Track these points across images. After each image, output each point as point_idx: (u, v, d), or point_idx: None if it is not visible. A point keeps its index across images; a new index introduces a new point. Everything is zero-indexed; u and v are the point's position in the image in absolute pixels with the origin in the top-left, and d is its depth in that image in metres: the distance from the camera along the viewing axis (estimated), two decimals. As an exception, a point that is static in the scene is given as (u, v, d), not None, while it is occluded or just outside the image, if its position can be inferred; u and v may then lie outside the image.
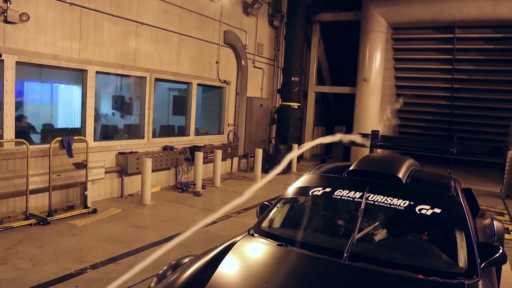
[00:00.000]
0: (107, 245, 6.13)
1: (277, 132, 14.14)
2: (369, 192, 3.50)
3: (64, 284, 4.87)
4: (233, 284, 2.87)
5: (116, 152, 8.89)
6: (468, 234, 3.21)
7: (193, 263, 3.04)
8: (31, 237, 6.26)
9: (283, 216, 3.82)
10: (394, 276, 2.86)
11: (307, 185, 3.89)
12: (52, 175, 7.10)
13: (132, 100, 11.69)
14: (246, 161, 13.16)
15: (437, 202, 3.41)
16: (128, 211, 7.96)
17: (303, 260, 3.07)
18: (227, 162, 12.58)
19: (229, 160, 12.63)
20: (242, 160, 13.18)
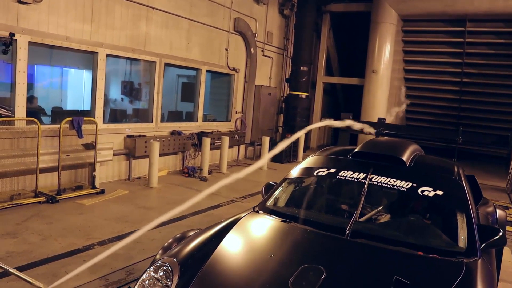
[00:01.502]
0: (114, 224, 6.25)
1: (284, 121, 14.19)
2: (372, 174, 3.56)
3: (71, 258, 4.99)
4: (237, 255, 2.96)
5: (125, 135, 9.00)
6: (469, 216, 3.27)
7: (198, 235, 3.13)
8: (40, 214, 6.39)
9: (288, 195, 3.90)
10: (394, 252, 2.93)
11: (312, 166, 3.96)
12: (62, 155, 7.22)
13: (141, 86, 11.77)
14: (253, 149, 13.24)
15: (440, 185, 3.46)
16: (135, 193, 8.08)
17: (306, 235, 3.15)
18: (233, 150, 12.67)
19: (235, 148, 12.72)
20: (249, 148, 13.26)
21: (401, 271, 2.58)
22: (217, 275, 2.67)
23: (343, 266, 2.77)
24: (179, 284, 2.53)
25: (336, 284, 2.52)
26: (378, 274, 2.67)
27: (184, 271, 2.63)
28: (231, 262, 2.86)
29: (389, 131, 6.67)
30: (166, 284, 2.57)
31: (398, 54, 15.59)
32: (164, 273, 2.64)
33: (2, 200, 6.52)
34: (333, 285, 2.49)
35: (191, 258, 2.78)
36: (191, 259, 2.76)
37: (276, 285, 2.51)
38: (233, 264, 2.85)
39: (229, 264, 2.84)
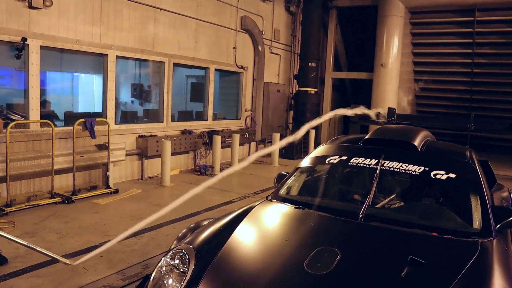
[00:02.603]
0: (129, 221, 6.32)
1: (294, 117, 14.20)
2: (384, 159, 3.56)
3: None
4: (252, 241, 3.00)
5: (136, 135, 9.10)
6: (483, 198, 3.26)
7: (212, 224, 3.17)
8: (56, 214, 6.49)
9: (300, 184, 3.93)
10: (408, 233, 2.94)
11: (323, 154, 3.98)
12: (76, 156, 7.32)
13: (150, 88, 11.89)
14: (264, 146, 13.27)
15: (452, 168, 3.46)
16: (149, 192, 8.16)
17: (320, 220, 3.18)
18: (244, 147, 12.71)
19: (246, 145, 12.76)
20: (260, 145, 13.30)
21: (416, 252, 2.59)
22: (233, 260, 2.71)
23: (357, 248, 2.79)
24: (195, 270, 2.57)
25: (351, 265, 2.54)
26: (393, 255, 2.68)
27: (200, 257, 2.67)
28: (246, 247, 2.90)
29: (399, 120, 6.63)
30: (183, 270, 2.61)
31: (407, 47, 15.49)
32: (181, 260, 2.68)
33: (20, 201, 6.64)
34: (348, 266, 2.51)
35: (207, 244, 2.82)
36: (207, 245, 2.80)
37: (291, 268, 2.54)
38: (248, 250, 2.89)
39: (244, 249, 2.87)
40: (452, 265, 2.53)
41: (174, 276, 2.60)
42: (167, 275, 2.62)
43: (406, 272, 2.42)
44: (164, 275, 2.64)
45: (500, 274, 2.50)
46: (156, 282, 2.62)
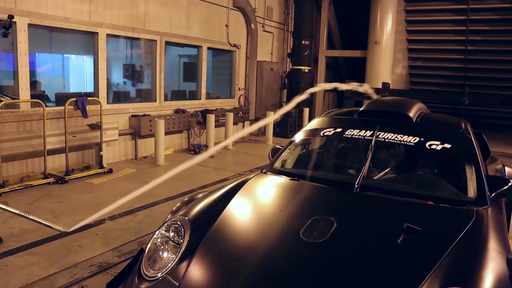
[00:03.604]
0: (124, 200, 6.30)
1: (288, 96, 14.13)
2: (379, 131, 3.54)
3: (84, 233, 5.05)
4: (247, 211, 2.98)
5: (129, 114, 9.01)
6: (478, 167, 3.26)
7: (207, 196, 3.14)
8: (50, 194, 6.45)
9: (295, 157, 3.90)
10: (404, 202, 2.94)
11: (318, 127, 3.95)
12: (68, 136, 7.24)
13: (143, 68, 11.74)
14: (258, 125, 13.22)
15: (447, 138, 3.45)
16: (143, 171, 8.13)
17: (315, 190, 3.17)
18: (238, 126, 12.65)
19: (240, 124, 12.70)
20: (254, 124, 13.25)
21: (412, 220, 2.58)
22: (228, 231, 2.69)
23: (353, 217, 2.79)
24: (190, 241, 2.55)
25: (347, 233, 2.53)
26: (388, 223, 2.68)
27: (195, 228, 2.65)
28: (241, 218, 2.89)
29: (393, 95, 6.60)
30: (178, 242, 2.59)
31: (401, 24, 15.37)
32: (176, 231, 2.66)
33: (13, 182, 6.58)
34: (344, 234, 2.51)
35: (202, 216, 2.80)
36: (202, 217, 2.78)
37: (287, 236, 2.53)
38: (244, 220, 2.88)
39: (240, 220, 2.86)
40: (447, 232, 2.54)
41: (169, 248, 2.59)
42: (162, 247, 2.61)
43: (402, 239, 2.42)
44: (159, 247, 2.62)
45: (495, 240, 2.51)
46: (151, 254, 2.60)
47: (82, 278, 3.95)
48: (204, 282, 2.29)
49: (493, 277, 2.14)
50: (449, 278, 2.07)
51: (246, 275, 2.24)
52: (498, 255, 2.35)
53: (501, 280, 2.14)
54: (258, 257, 2.36)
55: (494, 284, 2.08)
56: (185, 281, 2.28)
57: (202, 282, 2.29)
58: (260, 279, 2.21)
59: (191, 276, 2.31)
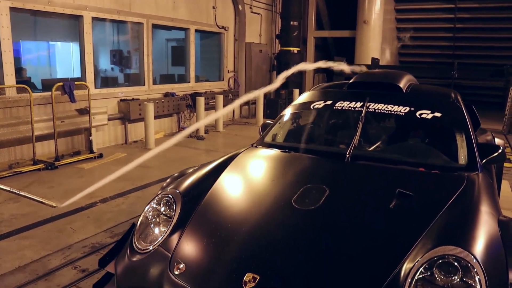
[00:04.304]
0: (115, 183, 6.25)
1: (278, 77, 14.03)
2: (369, 102, 3.53)
3: (76, 216, 5.02)
4: (239, 183, 2.97)
5: (118, 99, 8.92)
6: (468, 135, 3.26)
7: (198, 170, 3.12)
8: (40, 180, 6.39)
9: (285, 131, 3.89)
10: (396, 170, 2.94)
11: (308, 100, 3.93)
12: (56, 121, 7.15)
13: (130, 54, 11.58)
14: (248, 108, 13.18)
15: (437, 107, 3.44)
16: (134, 155, 8.06)
17: (307, 161, 3.16)
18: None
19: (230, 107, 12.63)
20: (244, 107, 13.20)
21: (404, 186, 2.59)
22: (220, 202, 2.68)
23: (345, 185, 2.78)
24: (182, 213, 2.54)
25: (339, 200, 2.53)
26: (380, 189, 2.68)
27: (187, 201, 2.63)
28: (233, 189, 2.87)
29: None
30: (169, 215, 2.57)
31: (389, 4, 15.31)
32: (167, 205, 2.64)
33: (1, 169, 6.51)
34: (336, 201, 2.50)
35: (193, 189, 2.78)
36: (193, 190, 2.76)
37: (279, 205, 2.52)
38: (235, 191, 2.86)
39: (231, 191, 2.85)
40: (439, 196, 2.55)
41: (161, 221, 2.57)
42: (153, 220, 2.59)
43: (395, 204, 2.43)
44: (150, 220, 2.60)
45: (486, 203, 2.52)
46: (143, 227, 2.58)
47: (75, 259, 3.93)
48: (197, 251, 2.28)
49: (485, 236, 2.15)
50: (442, 238, 2.08)
51: (238, 243, 2.24)
52: (489, 216, 2.36)
53: (493, 240, 2.15)
54: (250, 226, 2.36)
55: (486, 243, 2.10)
56: (177, 251, 2.27)
57: (195, 252, 2.28)
58: (252, 246, 2.21)
59: (183, 246, 2.30)
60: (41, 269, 3.75)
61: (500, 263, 2.02)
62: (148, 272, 2.25)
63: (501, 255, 2.07)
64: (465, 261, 1.90)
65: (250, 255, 2.14)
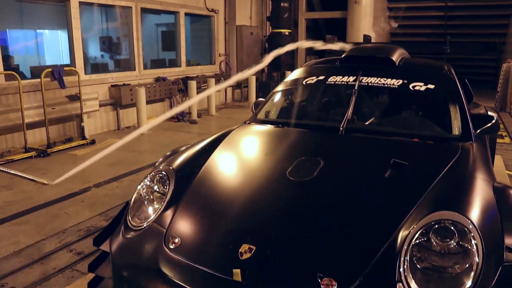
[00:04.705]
0: (109, 168, 6.23)
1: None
2: (362, 76, 3.50)
3: (70, 201, 4.99)
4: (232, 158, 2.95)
5: (109, 85, 8.81)
6: (462, 106, 3.25)
7: (191, 147, 3.09)
8: (33, 167, 6.33)
9: (278, 107, 3.86)
10: (390, 141, 2.93)
11: (300, 76, 3.89)
12: (47, 108, 7.06)
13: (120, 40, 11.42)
14: (240, 91, 13.10)
15: (431, 79, 3.42)
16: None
17: (300, 135, 3.15)
18: (220, 93, 12.52)
19: (222, 91, 12.56)
20: (236, 90, 13.12)
21: (398, 156, 2.57)
22: (214, 177, 2.66)
23: (340, 156, 2.77)
24: (176, 189, 2.51)
25: (334, 171, 2.51)
26: (375, 160, 2.67)
27: (180, 177, 2.60)
28: (226, 164, 2.85)
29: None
30: (163, 192, 2.54)
31: (380, -17, 15.18)
32: (160, 181, 2.61)
33: (-7, 157, 6.45)
34: (331, 172, 2.49)
35: (186, 165, 2.75)
36: (186, 166, 2.74)
37: (273, 177, 2.50)
38: (229, 166, 2.84)
39: (225, 166, 2.82)
40: (434, 165, 2.54)
41: (155, 198, 2.54)
42: (147, 197, 2.56)
43: (390, 173, 2.41)
44: (144, 197, 2.57)
45: (481, 170, 2.52)
46: (137, 205, 2.56)
47: (70, 242, 3.91)
48: (192, 226, 2.26)
49: (481, 202, 2.15)
50: (438, 204, 2.08)
51: (233, 215, 2.22)
52: (484, 182, 2.36)
53: (489, 205, 2.15)
54: (245, 199, 2.34)
55: (482, 209, 2.09)
56: (172, 226, 2.25)
57: (190, 226, 2.27)
58: (248, 218, 2.19)
59: (178, 221, 2.28)
60: (37, 253, 3.73)
61: (496, 228, 2.01)
62: (143, 248, 2.23)
63: (496, 221, 2.07)
64: (461, 225, 1.90)
65: (245, 227, 2.13)
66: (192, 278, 1.93)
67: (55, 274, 3.37)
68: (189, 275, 1.95)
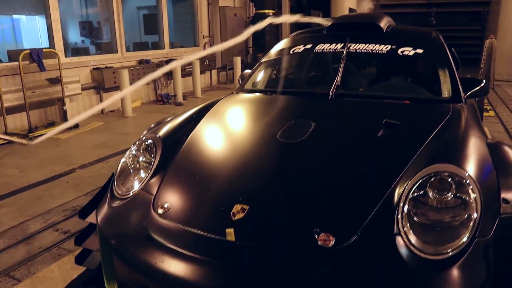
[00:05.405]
0: (94, 150, 6.09)
1: (254, 41, 13.80)
2: (350, 42, 3.43)
3: (54, 183, 4.87)
4: (221, 125, 2.86)
5: (90, 67, 8.60)
6: (451, 69, 3.21)
7: (176, 117, 2.99)
8: (14, 152, 6.16)
9: (266, 77, 3.77)
10: (381, 103, 2.88)
11: (286, 46, 3.81)
12: (27, 92, 6.85)
13: (100, 25, 11.17)
14: (225, 73, 12.96)
15: (419, 44, 3.37)
16: (111, 123, 7.86)
17: (290, 100, 3.08)
18: (206, 76, 12.36)
19: (207, 73, 12.41)
20: (221, 73, 12.97)
21: (390, 117, 2.51)
22: (203, 143, 2.57)
23: (331, 118, 2.71)
24: (163, 157, 2.42)
25: (326, 132, 2.45)
26: (367, 121, 2.61)
27: (168, 144, 2.51)
28: (216, 130, 2.77)
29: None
30: (149, 161, 2.45)
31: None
32: (147, 149, 2.52)
33: (-28, 143, 6.25)
34: (323, 133, 2.42)
35: (174, 133, 2.66)
36: (174, 134, 2.64)
37: (263, 140, 2.43)
38: (218, 132, 2.76)
39: (214, 132, 2.74)
40: (427, 124, 2.49)
41: (141, 166, 2.45)
42: (133, 166, 2.47)
43: (382, 133, 2.36)
44: (130, 166, 2.48)
45: (474, 127, 2.49)
46: (123, 175, 2.46)
47: (56, 222, 3.80)
48: (181, 190, 2.18)
49: (476, 156, 2.11)
50: (434, 158, 2.03)
51: (224, 178, 2.15)
52: (478, 139, 2.32)
53: (484, 159, 2.11)
54: (235, 161, 2.27)
55: (478, 162, 2.05)
56: (160, 192, 2.17)
57: (179, 191, 2.19)
58: (239, 179, 2.12)
59: (166, 187, 2.20)
60: (21, 233, 3.62)
61: (491, 181, 1.98)
62: (131, 215, 2.14)
63: (492, 174, 2.03)
64: (459, 177, 1.85)
65: (237, 188, 2.06)
66: (184, 241, 1.85)
67: (41, 253, 3.27)
68: (180, 239, 1.87)
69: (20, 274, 2.98)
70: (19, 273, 2.99)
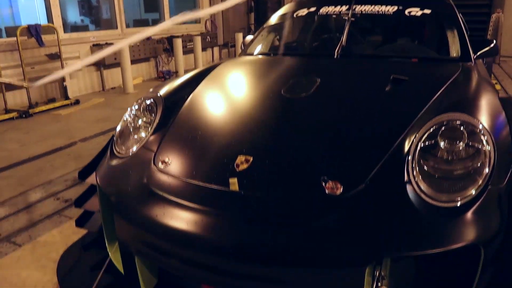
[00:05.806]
0: (95, 124, 6.03)
1: (255, 18, 13.59)
2: (355, 4, 3.33)
3: (55, 155, 4.81)
4: (225, 83, 2.78)
5: (90, 44, 8.48)
6: (460, 29, 3.11)
7: (178, 78, 2.91)
8: (15, 127, 6.10)
9: (269, 41, 3.68)
10: (388, 61, 2.79)
11: (290, 10, 3.71)
12: (26, 68, 6.76)
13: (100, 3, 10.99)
14: (227, 51, 12.79)
15: (426, 4, 3.27)
16: (112, 99, 7.79)
17: (295, 60, 2.99)
18: (207, 53, 12.20)
19: (209, 51, 12.24)
20: (223, 50, 12.80)
21: (398, 73, 2.42)
22: (206, 100, 2.50)
23: (337, 74, 2.63)
24: (164, 115, 2.35)
25: (332, 87, 2.37)
26: (375, 77, 2.53)
27: (169, 103, 2.44)
28: (219, 88, 2.69)
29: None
30: (150, 120, 2.38)
31: None
32: (148, 108, 2.45)
33: (-28, 119, 6.19)
34: (329, 88, 2.34)
35: (176, 92, 2.58)
36: (176, 93, 2.57)
37: (268, 96, 2.35)
38: (221, 90, 2.68)
39: (217, 90, 2.66)
40: (436, 79, 2.41)
41: (142, 124, 2.38)
42: (133, 124, 2.40)
43: (390, 88, 2.28)
44: (131, 124, 2.41)
45: (485, 82, 2.41)
46: (124, 134, 2.40)
47: (57, 192, 3.76)
48: (183, 145, 2.11)
49: (488, 107, 2.03)
50: (445, 107, 1.95)
51: (227, 131, 2.08)
52: (490, 92, 2.24)
53: (497, 111, 2.03)
54: (239, 115, 2.20)
55: (490, 113, 1.97)
56: (161, 147, 2.10)
57: (181, 145, 2.11)
58: (242, 132, 2.05)
59: (168, 143, 2.13)
60: (22, 202, 3.58)
61: (504, 131, 1.91)
62: (131, 172, 2.07)
63: (506, 126, 1.96)
64: (472, 126, 1.78)
65: (240, 140, 1.99)
66: (186, 193, 1.79)
67: (42, 220, 3.23)
68: (182, 191, 1.81)
69: (21, 239, 2.95)
70: (20, 239, 2.95)
